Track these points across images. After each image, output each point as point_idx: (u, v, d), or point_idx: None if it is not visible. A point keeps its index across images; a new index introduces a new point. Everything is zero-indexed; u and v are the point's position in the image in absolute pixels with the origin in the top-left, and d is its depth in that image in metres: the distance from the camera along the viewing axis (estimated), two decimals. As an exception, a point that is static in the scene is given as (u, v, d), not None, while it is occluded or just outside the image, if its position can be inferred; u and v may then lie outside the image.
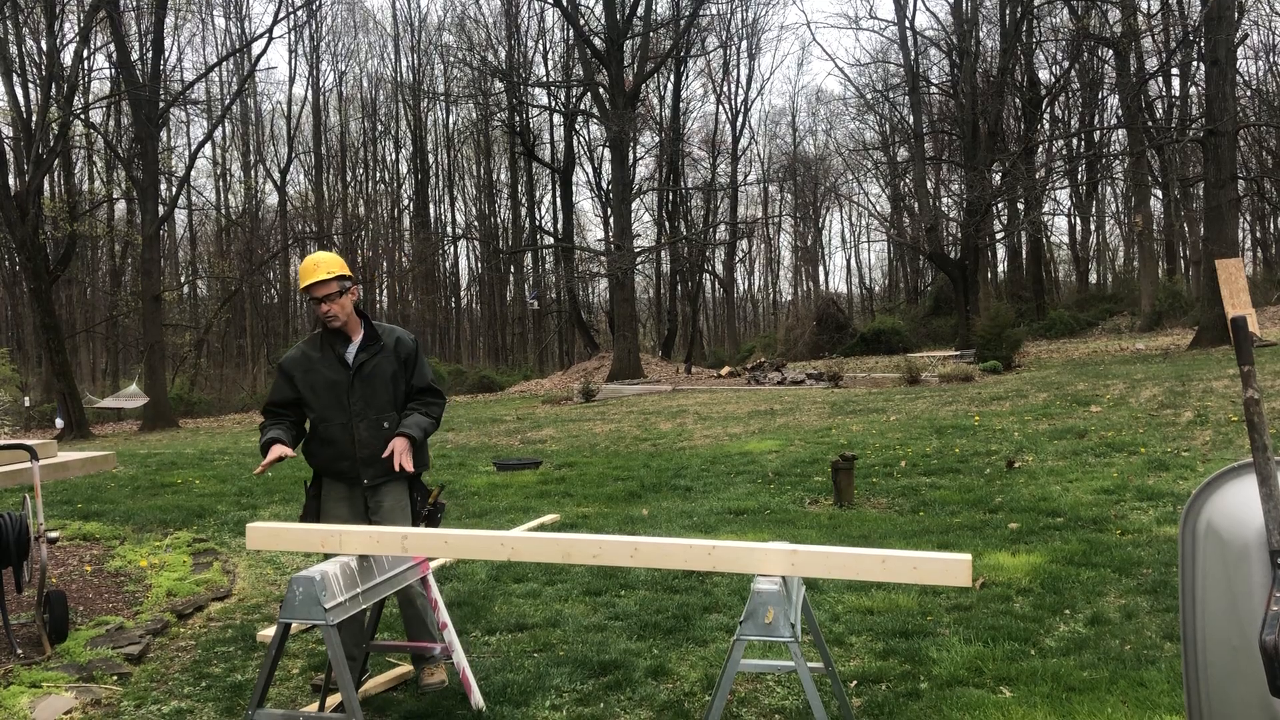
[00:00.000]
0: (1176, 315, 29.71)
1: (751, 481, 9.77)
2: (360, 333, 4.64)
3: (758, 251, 56.58)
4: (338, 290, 4.52)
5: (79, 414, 25.22)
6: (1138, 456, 9.41)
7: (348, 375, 4.54)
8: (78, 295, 40.90)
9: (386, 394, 4.58)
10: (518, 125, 41.90)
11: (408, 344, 4.68)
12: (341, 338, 4.60)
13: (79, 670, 4.85)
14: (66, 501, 10.16)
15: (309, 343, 4.70)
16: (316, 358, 4.59)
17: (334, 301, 4.53)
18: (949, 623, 5.08)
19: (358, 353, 4.59)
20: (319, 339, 4.65)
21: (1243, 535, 2.26)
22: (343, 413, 4.52)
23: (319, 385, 4.55)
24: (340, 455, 4.53)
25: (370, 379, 4.55)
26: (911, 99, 32.64)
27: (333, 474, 4.58)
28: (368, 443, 4.51)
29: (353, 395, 4.52)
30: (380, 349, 4.60)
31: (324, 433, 4.54)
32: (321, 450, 4.58)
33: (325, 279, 4.51)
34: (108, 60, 33.36)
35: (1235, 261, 20.75)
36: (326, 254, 4.66)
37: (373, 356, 4.58)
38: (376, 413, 4.54)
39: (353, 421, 4.51)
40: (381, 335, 4.64)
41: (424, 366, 4.72)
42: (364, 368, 4.56)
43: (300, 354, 4.65)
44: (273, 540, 3.94)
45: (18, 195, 24.63)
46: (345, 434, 4.52)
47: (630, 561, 3.46)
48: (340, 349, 4.59)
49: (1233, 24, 21.92)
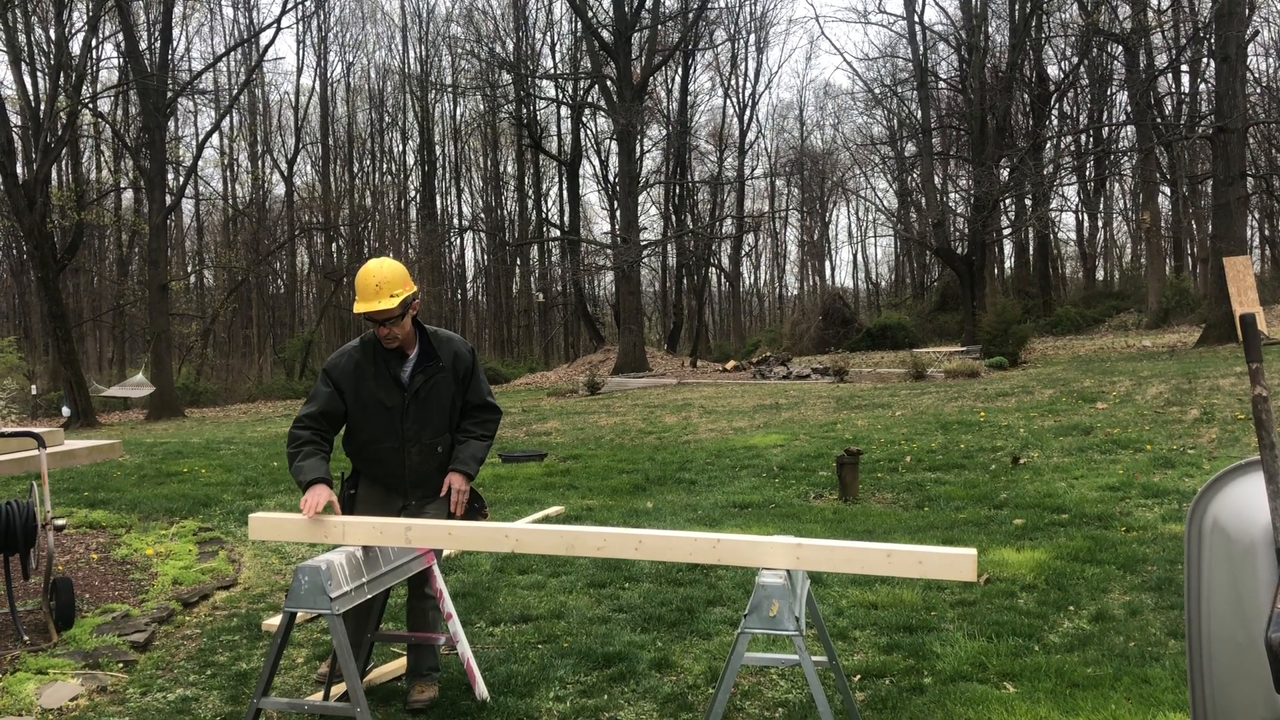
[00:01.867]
0: (1183, 313, 29.62)
1: (756, 475, 9.77)
2: (416, 346, 4.26)
3: (764, 245, 56.54)
4: (400, 314, 4.09)
5: (85, 402, 25.30)
6: (1143, 454, 9.39)
7: (403, 398, 4.19)
8: (85, 284, 41.00)
9: (443, 418, 4.28)
10: (525, 117, 41.88)
11: (465, 359, 4.33)
12: (396, 352, 4.23)
13: (85, 657, 4.87)
14: (73, 489, 10.19)
15: (361, 350, 4.24)
16: (370, 372, 4.19)
17: (396, 324, 4.12)
18: (953, 618, 5.08)
19: (414, 373, 4.22)
20: (371, 347, 4.23)
21: (1249, 533, 2.26)
22: (395, 437, 4.21)
23: (370, 405, 4.18)
24: (388, 474, 4.29)
25: (426, 402, 4.22)
26: (920, 94, 32.55)
27: (376, 483, 4.34)
28: (418, 467, 4.26)
29: (407, 420, 4.20)
30: (439, 370, 4.24)
31: (372, 454, 4.26)
32: (370, 466, 4.30)
33: (390, 309, 4.04)
34: (116, 49, 33.36)
35: (1243, 259, 20.67)
36: (387, 266, 4.12)
37: (430, 378, 4.23)
38: (431, 436, 4.25)
39: (405, 446, 4.22)
40: (440, 351, 4.27)
41: (481, 381, 4.39)
42: (421, 390, 4.21)
43: (352, 364, 4.21)
44: (275, 531, 3.92)
45: (25, 184, 24.69)
46: (395, 457, 4.24)
47: (635, 554, 3.45)
48: (395, 367, 4.22)
49: (1243, 20, 21.80)
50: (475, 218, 50.27)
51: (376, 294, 4.05)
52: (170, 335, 29.85)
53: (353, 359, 4.22)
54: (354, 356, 4.22)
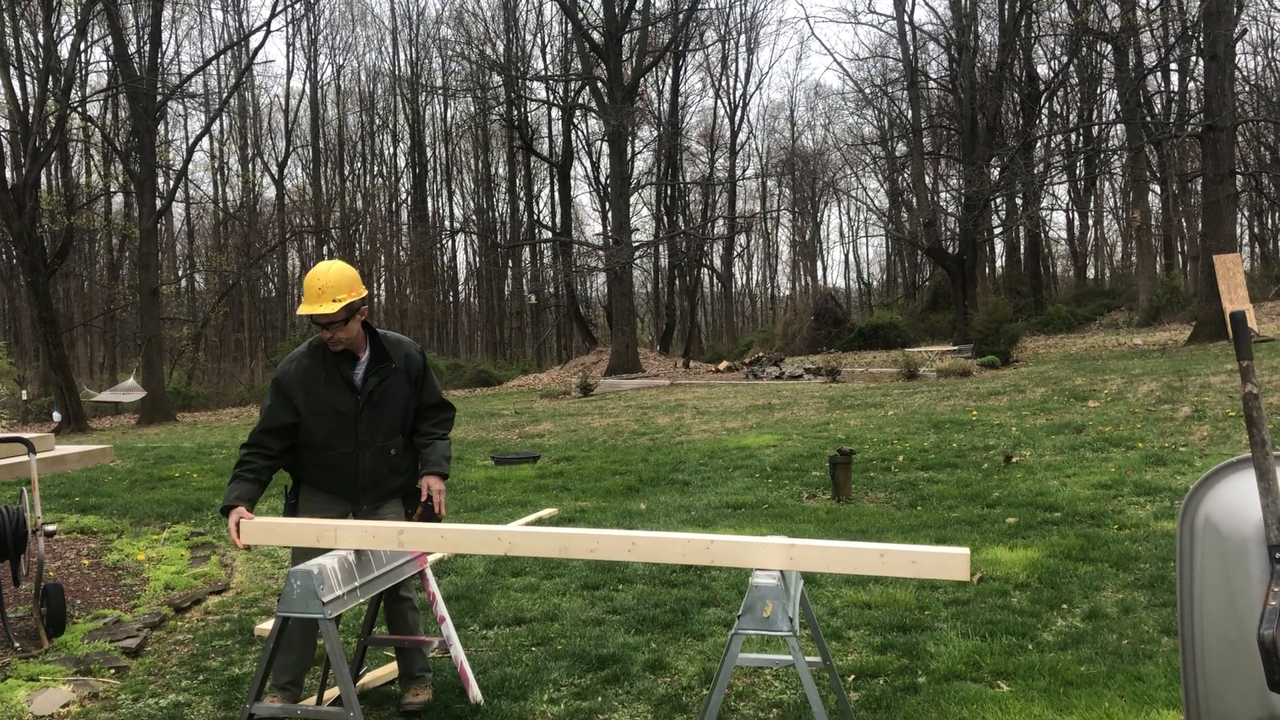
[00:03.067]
0: (1174, 311, 29.70)
1: (749, 476, 9.78)
2: (367, 349, 4.18)
3: (756, 246, 56.57)
4: (344, 319, 4.02)
5: (76, 407, 25.21)
6: (1135, 452, 9.42)
7: (356, 402, 4.11)
8: (75, 289, 40.85)
9: (396, 420, 4.20)
10: (516, 119, 41.83)
11: (417, 360, 4.29)
12: (347, 355, 4.15)
13: (76, 663, 4.85)
14: (64, 495, 10.15)
15: (310, 354, 4.16)
16: (321, 377, 4.10)
17: (340, 329, 4.04)
18: (946, 617, 5.08)
19: (367, 375, 4.15)
20: (320, 351, 4.15)
21: (1241, 530, 2.26)
22: (349, 441, 4.11)
23: (324, 411, 4.08)
24: (339, 480, 4.17)
25: (380, 405, 4.14)
26: (910, 94, 32.58)
27: (322, 488, 4.21)
28: (372, 471, 4.16)
29: (361, 424, 4.11)
30: (392, 371, 4.17)
31: (325, 460, 4.13)
32: (317, 471, 4.17)
33: (332, 313, 3.97)
34: (105, 53, 33.26)
35: (1233, 257, 20.75)
36: (334, 270, 4.05)
37: (384, 380, 4.15)
38: (385, 439, 4.17)
39: (359, 450, 4.13)
40: (391, 353, 4.20)
41: (433, 380, 4.36)
42: (374, 393, 4.14)
43: (301, 371, 4.12)
44: (266, 535, 3.88)
45: (15, 188, 24.59)
46: (349, 463, 4.14)
47: (628, 556, 3.44)
48: (347, 369, 4.13)
49: (1232, 19, 21.88)
50: (466, 220, 50.27)
51: (319, 297, 3.97)
52: (161, 339, 29.74)
53: (301, 365, 4.13)
54: (302, 362, 4.14)
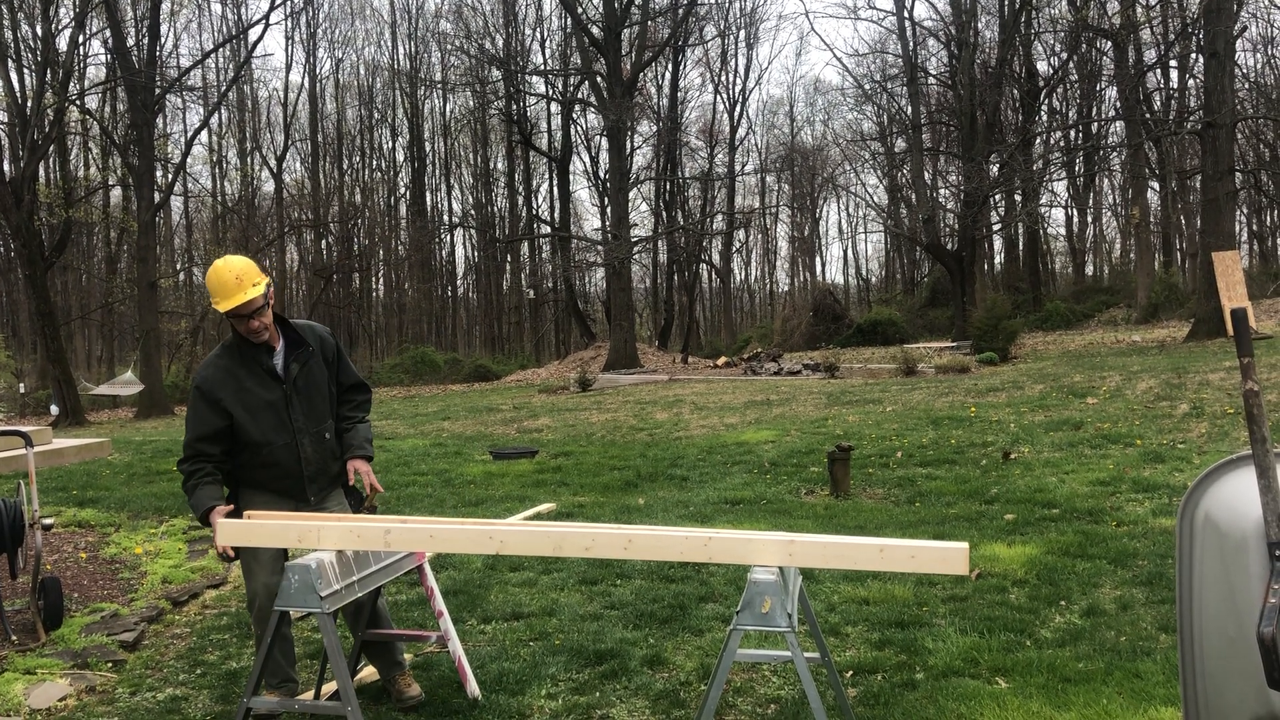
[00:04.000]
0: (1173, 308, 29.70)
1: (747, 472, 9.77)
2: (280, 338, 4.13)
3: (755, 242, 56.52)
4: (264, 303, 3.97)
5: (74, 401, 25.19)
6: (1134, 448, 9.42)
7: (283, 390, 4.07)
8: (73, 282, 40.78)
9: (324, 403, 4.19)
10: (515, 114, 41.77)
11: (330, 341, 4.27)
12: (264, 348, 4.08)
13: (74, 657, 4.84)
14: (61, 488, 10.14)
15: (225, 355, 4.08)
16: (243, 374, 4.02)
17: (262, 314, 3.98)
18: (945, 613, 5.08)
19: (287, 362, 4.10)
20: (234, 350, 4.07)
21: (1241, 527, 2.26)
22: (286, 432, 4.05)
23: (255, 406, 4.01)
24: (283, 475, 4.09)
25: (308, 389, 4.13)
26: (909, 90, 32.55)
27: (267, 490, 4.11)
28: (313, 459, 4.12)
29: (293, 411, 4.07)
30: (310, 354, 4.14)
31: (267, 456, 4.04)
32: (259, 472, 4.08)
33: (256, 297, 3.93)
34: (103, 46, 33.18)
35: (1232, 254, 20.75)
36: (238, 260, 4.01)
37: (304, 364, 4.12)
38: (317, 424, 4.15)
39: (297, 439, 4.08)
40: (305, 337, 4.16)
41: (349, 361, 4.35)
42: (299, 379, 4.10)
43: (220, 372, 4.02)
44: (245, 535, 3.72)
45: (13, 181, 24.56)
46: (290, 454, 4.07)
47: (625, 554, 3.38)
48: (266, 360, 4.07)
49: (1232, 16, 21.86)
50: (465, 214, 50.17)
51: (239, 287, 3.92)
52: (159, 333, 29.72)
53: (220, 367, 4.06)
54: (220, 364, 4.06)
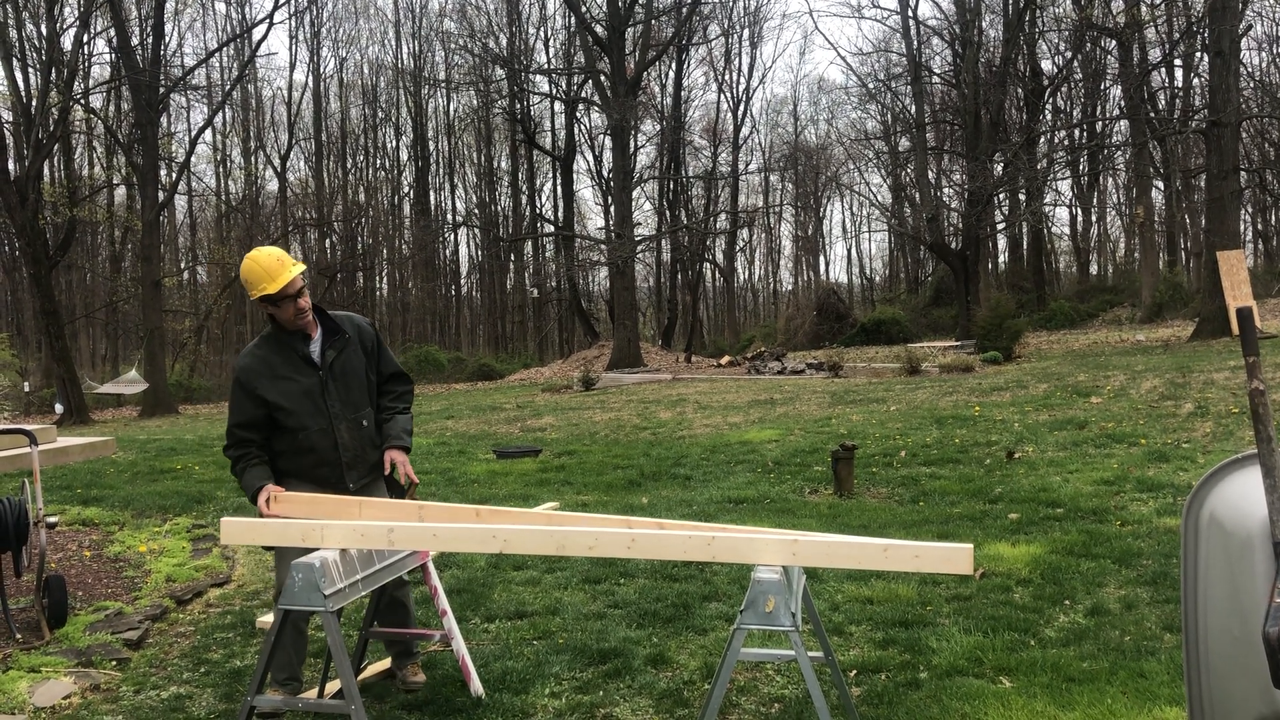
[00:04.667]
0: (1177, 307, 29.65)
1: (751, 471, 9.77)
2: (317, 325, 4.23)
3: (758, 241, 56.53)
4: (305, 283, 4.14)
5: (78, 399, 25.23)
6: (1138, 448, 9.40)
7: (319, 376, 4.16)
8: (77, 281, 40.84)
9: (361, 390, 4.26)
10: (519, 113, 41.79)
11: (369, 330, 4.36)
12: (300, 335, 4.18)
13: (78, 655, 4.85)
14: (66, 487, 10.16)
15: (263, 345, 4.21)
16: (278, 362, 4.14)
17: (304, 296, 4.13)
18: (949, 613, 5.08)
19: (324, 349, 4.19)
20: (272, 340, 4.19)
21: (1246, 526, 2.25)
22: (322, 417, 4.15)
23: (291, 392, 4.11)
24: (321, 462, 4.17)
25: (344, 376, 4.21)
26: (914, 88, 32.51)
27: (306, 479, 4.19)
28: (350, 446, 4.20)
29: (329, 397, 4.16)
30: (346, 341, 4.23)
31: (303, 441, 4.13)
32: (298, 459, 4.17)
33: (298, 275, 4.07)
34: (108, 45, 33.20)
35: (1237, 253, 20.71)
36: (272, 248, 4.20)
37: (341, 351, 4.21)
38: (354, 411, 4.22)
39: (333, 425, 4.16)
40: (343, 326, 4.26)
41: (388, 351, 4.44)
42: (335, 365, 4.19)
43: (257, 361, 4.15)
44: (249, 534, 3.72)
45: (17, 180, 24.59)
46: (326, 440, 4.16)
47: (628, 553, 3.36)
48: (302, 348, 4.17)
49: (1237, 15, 21.80)
50: (469, 213, 50.18)
51: (282, 267, 4.05)
52: (163, 332, 29.77)
53: (257, 356, 4.17)
54: (258, 354, 4.18)
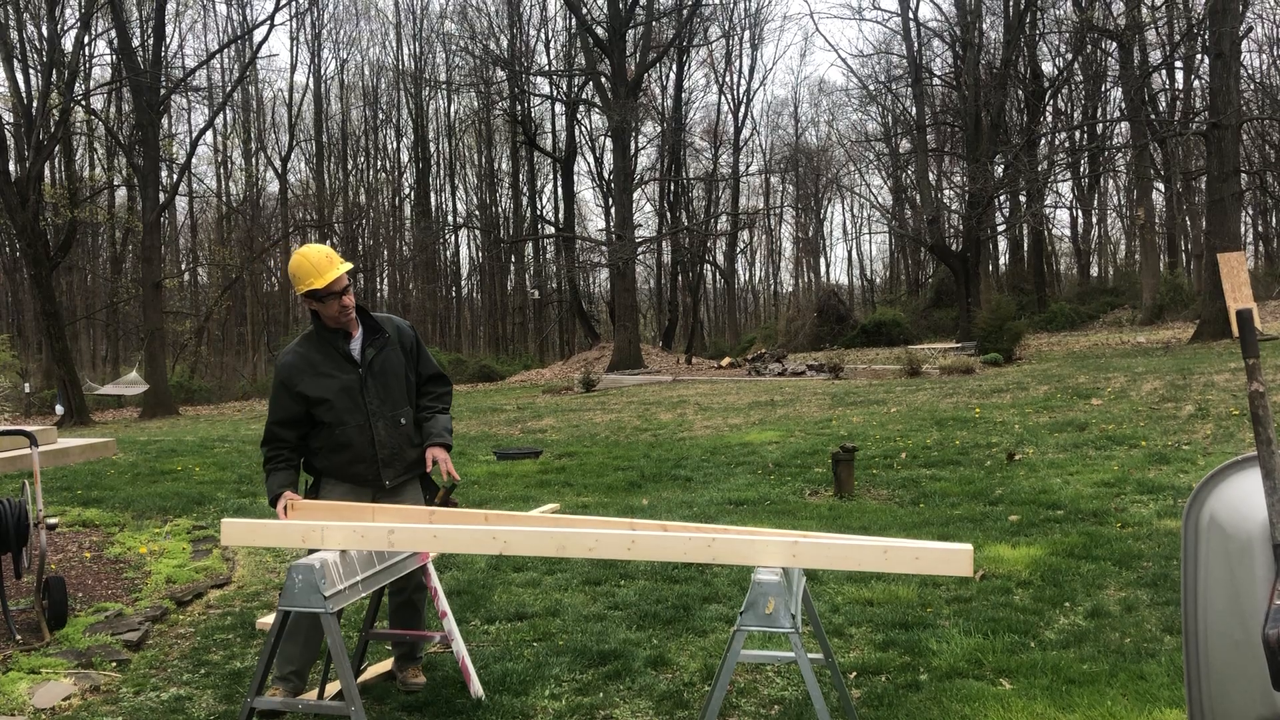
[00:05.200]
0: (1178, 309, 29.65)
1: (751, 472, 9.77)
2: (359, 325, 4.33)
3: (759, 242, 56.50)
4: (350, 281, 4.24)
5: (79, 401, 25.23)
6: (1138, 450, 9.40)
7: (359, 374, 4.24)
8: (78, 282, 40.86)
9: (400, 389, 4.33)
10: (519, 114, 41.81)
11: (409, 331, 4.45)
12: (341, 334, 4.27)
13: (78, 656, 4.85)
14: (66, 488, 10.16)
15: (304, 344, 4.31)
16: (319, 359, 4.23)
17: (350, 293, 4.23)
18: (949, 615, 5.08)
19: (364, 348, 4.28)
20: (314, 338, 4.29)
21: (1246, 528, 2.25)
22: (359, 413, 4.22)
23: (331, 388, 4.20)
24: (357, 458, 4.24)
25: (383, 374, 4.29)
26: (914, 90, 32.54)
27: (343, 478, 4.27)
28: (387, 443, 4.26)
29: (368, 394, 4.23)
30: (386, 341, 4.32)
31: (340, 437, 4.21)
32: (334, 455, 4.24)
33: (345, 273, 4.16)
34: (109, 46, 33.25)
35: (1238, 255, 20.71)
36: (320, 246, 4.27)
37: (381, 350, 4.30)
38: (392, 409, 4.29)
39: (370, 421, 4.23)
40: (383, 326, 4.35)
41: (428, 352, 4.52)
42: (374, 363, 4.27)
43: (299, 359, 4.25)
44: (250, 536, 3.74)
45: (18, 181, 24.60)
46: (363, 436, 4.22)
47: (628, 554, 3.37)
48: (343, 345, 4.26)
49: (1237, 17, 21.80)
50: (469, 215, 50.18)
51: (331, 263, 4.15)
52: (164, 333, 29.78)
53: (298, 354, 4.27)
54: (299, 351, 4.28)
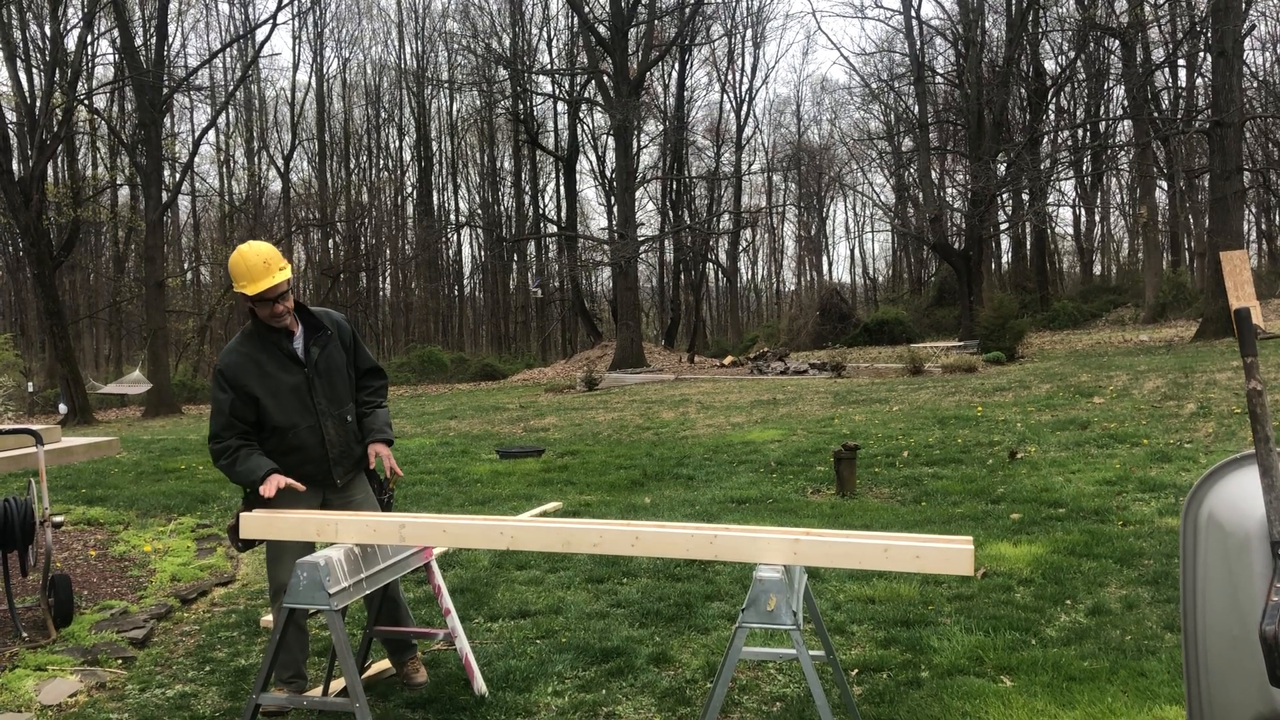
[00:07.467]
0: (1180, 307, 29.66)
1: (754, 471, 9.78)
2: (299, 324, 4.20)
3: (761, 241, 56.57)
4: (288, 288, 4.09)
5: (82, 400, 25.29)
6: (1140, 448, 9.40)
7: (305, 374, 4.15)
8: (81, 281, 40.94)
9: (344, 386, 4.27)
10: (521, 113, 41.84)
11: (346, 326, 4.35)
12: (284, 332, 4.15)
13: (84, 654, 4.88)
14: (71, 487, 10.19)
15: (245, 343, 4.15)
16: (264, 360, 4.10)
17: (287, 299, 4.10)
18: (950, 612, 5.09)
19: (307, 346, 4.18)
20: (255, 336, 4.15)
21: (1244, 526, 2.27)
22: (309, 414, 4.15)
23: (279, 390, 4.09)
24: (307, 459, 4.17)
25: (328, 373, 4.21)
26: (917, 89, 32.54)
27: (293, 478, 4.14)
28: (337, 441, 4.22)
29: (316, 394, 4.16)
30: (329, 338, 4.22)
31: (292, 440, 4.13)
32: (285, 458, 4.13)
33: (283, 281, 4.03)
34: (111, 45, 33.33)
35: (1240, 253, 20.70)
36: (262, 245, 4.10)
37: (324, 348, 4.20)
38: (339, 407, 4.24)
39: (321, 422, 4.17)
40: (324, 322, 4.25)
41: (364, 346, 4.44)
42: (319, 362, 4.18)
43: (242, 358, 4.10)
44: (267, 529, 3.84)
45: (21, 180, 24.66)
46: (314, 436, 4.16)
47: (631, 551, 3.43)
48: (286, 345, 4.14)
49: (1240, 15, 21.80)
50: (472, 213, 50.24)
51: (267, 271, 4.01)
52: (167, 332, 29.85)
53: (241, 353, 4.13)
54: (241, 351, 4.13)
